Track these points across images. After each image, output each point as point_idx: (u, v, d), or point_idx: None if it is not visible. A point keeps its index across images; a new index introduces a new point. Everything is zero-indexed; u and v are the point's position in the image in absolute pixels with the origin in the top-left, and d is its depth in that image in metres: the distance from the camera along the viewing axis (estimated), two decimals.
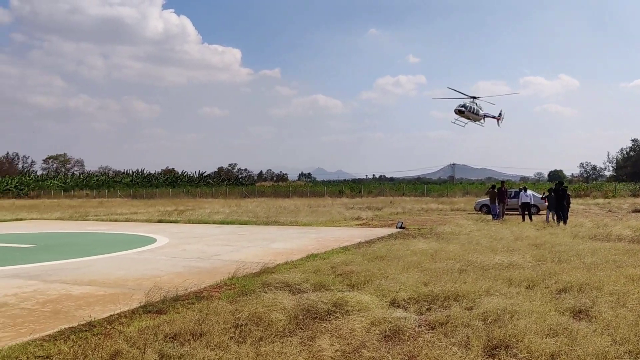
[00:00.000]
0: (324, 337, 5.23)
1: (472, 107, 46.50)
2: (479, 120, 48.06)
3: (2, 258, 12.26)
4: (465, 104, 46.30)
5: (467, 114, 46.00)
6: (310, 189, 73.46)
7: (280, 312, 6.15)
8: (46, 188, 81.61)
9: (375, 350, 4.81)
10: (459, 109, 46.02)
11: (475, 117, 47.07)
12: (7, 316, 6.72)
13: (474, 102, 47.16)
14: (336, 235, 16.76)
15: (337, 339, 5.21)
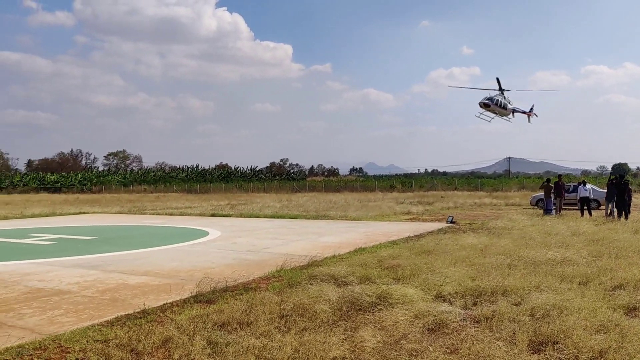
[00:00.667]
0: (367, 329, 5.29)
1: (499, 101, 43.27)
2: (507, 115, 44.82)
3: (66, 249, 12.96)
4: (491, 97, 43.18)
5: (493, 108, 42.92)
6: (361, 183, 73.32)
7: (325, 304, 6.25)
8: (107, 183, 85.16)
9: (416, 343, 4.82)
10: (485, 102, 42.87)
11: (502, 112, 43.91)
12: (69, 303, 7.14)
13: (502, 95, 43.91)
14: (385, 229, 16.72)
15: (380, 331, 5.26)
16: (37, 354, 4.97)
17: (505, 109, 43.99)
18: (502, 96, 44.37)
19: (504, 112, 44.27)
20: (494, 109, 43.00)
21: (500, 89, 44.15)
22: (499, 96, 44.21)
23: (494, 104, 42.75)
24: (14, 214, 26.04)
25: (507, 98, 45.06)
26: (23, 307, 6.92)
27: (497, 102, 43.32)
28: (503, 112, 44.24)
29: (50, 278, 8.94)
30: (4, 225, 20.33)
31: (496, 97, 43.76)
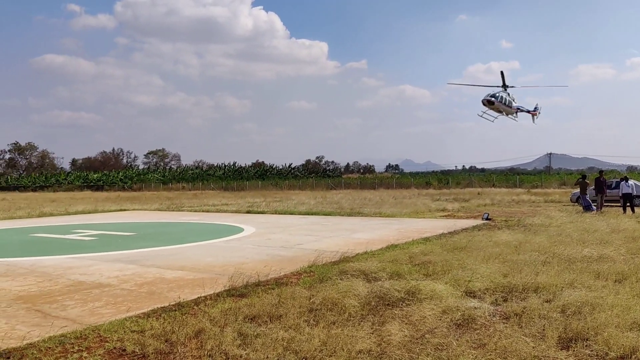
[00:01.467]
0: (394, 323, 5.34)
1: (504, 98, 39.91)
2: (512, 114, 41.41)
3: (107, 244, 13.43)
4: (495, 94, 39.79)
5: (498, 105, 39.65)
6: (397, 180, 72.93)
7: (354, 298, 6.33)
8: (147, 181, 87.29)
9: (443, 337, 4.85)
10: (489, 99, 39.60)
11: (507, 110, 40.57)
12: (109, 295, 7.44)
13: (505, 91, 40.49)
14: (419, 226, 16.65)
15: (407, 325, 5.30)
16: (78, 342, 5.22)
17: (510, 106, 40.97)
18: (505, 93, 41.19)
19: (509, 110, 41.16)
20: (498, 107, 39.99)
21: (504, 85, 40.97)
22: (503, 93, 41.01)
23: (498, 101, 39.76)
24: (59, 211, 27.04)
25: (511, 95, 41.86)
26: (66, 299, 7.25)
27: (502, 99, 40.26)
28: (508, 110, 41.14)
29: (92, 272, 9.31)
30: (50, 222, 21.16)
31: (500, 93, 40.60)
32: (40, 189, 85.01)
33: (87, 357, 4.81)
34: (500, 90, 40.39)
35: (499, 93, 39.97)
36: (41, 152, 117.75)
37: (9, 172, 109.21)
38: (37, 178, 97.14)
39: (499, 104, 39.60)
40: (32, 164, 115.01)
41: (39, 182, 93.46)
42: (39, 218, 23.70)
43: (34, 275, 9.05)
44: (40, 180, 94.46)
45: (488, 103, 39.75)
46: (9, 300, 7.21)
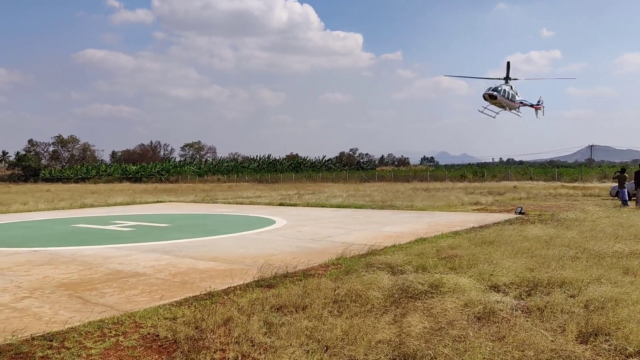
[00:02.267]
0: (415, 315, 5.48)
1: (507, 92, 37.22)
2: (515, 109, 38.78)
3: (143, 235, 13.92)
4: (498, 87, 37.05)
5: (501, 100, 36.85)
6: (431, 173, 72.36)
7: (378, 290, 6.48)
8: (183, 173, 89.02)
9: (462, 329, 4.96)
10: (490, 93, 36.74)
11: (510, 104, 37.84)
12: (144, 284, 7.80)
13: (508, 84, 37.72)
14: (450, 219, 16.61)
15: (427, 317, 5.43)
16: (114, 328, 5.55)
17: (513, 100, 38.23)
18: (508, 86, 38.21)
19: (512, 104, 38.38)
20: (501, 101, 37.26)
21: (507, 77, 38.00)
22: (505, 86, 37.99)
23: (501, 95, 36.96)
24: (99, 202, 28.00)
25: (514, 88, 38.79)
26: (104, 287, 7.64)
27: (505, 93, 37.39)
28: (511, 105, 38.34)
29: (129, 261, 9.72)
30: (91, 213, 21.97)
31: (502, 87, 37.65)
32: (82, 181, 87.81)
33: (123, 342, 5.12)
34: (502, 84, 37.70)
35: (501, 86, 37.32)
36: (82, 144, 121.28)
37: (52, 164, 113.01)
38: (79, 170, 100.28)
39: (501, 99, 36.98)
40: (74, 156, 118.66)
41: (81, 173, 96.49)
42: (81, 209, 24.61)
43: (76, 264, 9.52)
44: (82, 172, 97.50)
45: (490, 97, 36.99)
46: (53, 287, 7.65)
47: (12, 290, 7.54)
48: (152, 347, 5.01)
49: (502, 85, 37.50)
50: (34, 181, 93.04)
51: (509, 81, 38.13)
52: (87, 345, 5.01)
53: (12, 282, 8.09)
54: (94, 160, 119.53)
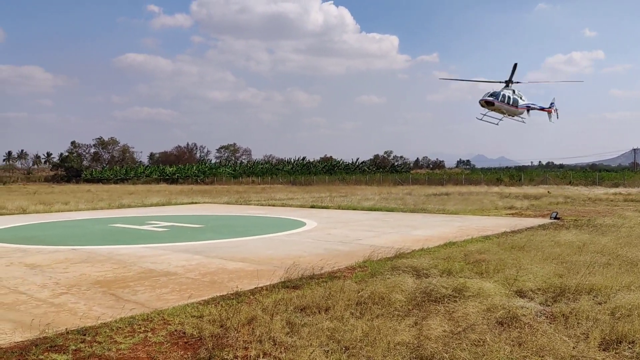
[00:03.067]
0: (436, 318, 5.50)
1: (507, 96, 34.46)
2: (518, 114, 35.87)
3: (177, 235, 14.28)
4: (495, 92, 34.37)
5: (499, 106, 34.14)
6: (466, 176, 71.50)
7: (401, 293, 6.53)
8: (219, 175, 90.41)
9: (481, 334, 4.97)
10: (487, 100, 34.11)
11: (511, 110, 34.93)
12: (175, 283, 8.04)
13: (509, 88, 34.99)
14: (482, 224, 16.43)
15: (448, 321, 5.45)
16: (144, 324, 5.77)
17: (515, 106, 35.26)
18: (509, 90, 35.16)
19: (514, 110, 35.43)
20: (500, 107, 34.53)
21: (509, 81, 35.12)
22: (507, 90, 34.96)
23: (499, 101, 34.14)
24: (136, 203, 28.76)
25: (517, 92, 35.80)
26: (137, 285, 7.91)
27: (504, 98, 34.47)
28: (513, 111, 35.42)
29: (161, 261, 10.02)
30: (127, 213, 22.61)
31: (502, 92, 34.62)
32: (121, 182, 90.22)
33: (151, 337, 5.33)
34: (502, 88, 35.04)
35: (500, 91, 34.59)
36: (122, 146, 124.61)
37: (94, 165, 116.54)
38: (118, 171, 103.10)
39: (500, 105, 34.26)
40: (114, 158, 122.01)
41: (120, 174, 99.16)
42: (118, 209, 25.35)
43: (111, 263, 9.87)
44: (121, 173, 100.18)
45: (487, 104, 34.31)
46: (89, 284, 7.97)
47: (51, 286, 7.89)
48: (179, 343, 5.19)
49: (502, 90, 34.76)
50: (76, 182, 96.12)
51: (510, 85, 35.45)
52: (117, 340, 5.23)
53: (51, 278, 8.46)
54: (133, 161, 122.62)
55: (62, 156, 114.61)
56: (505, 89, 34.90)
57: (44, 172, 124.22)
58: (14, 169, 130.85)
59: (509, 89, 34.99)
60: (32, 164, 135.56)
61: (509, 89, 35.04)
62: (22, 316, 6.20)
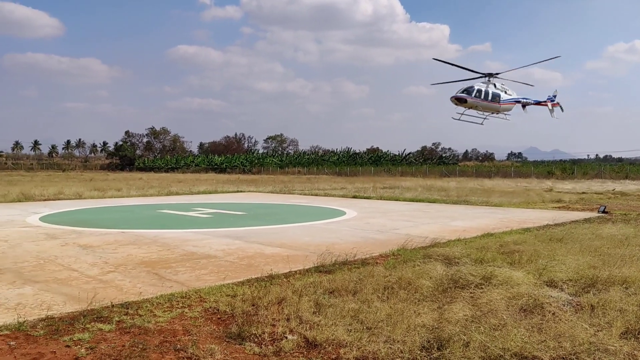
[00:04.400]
0: (459, 304, 5.63)
1: (484, 92, 30.53)
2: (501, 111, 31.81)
3: (220, 222, 14.80)
4: (470, 88, 30.38)
5: (473, 102, 30.08)
6: (516, 169, 69.87)
7: (428, 280, 6.66)
8: (265, 165, 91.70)
9: (502, 319, 5.07)
10: (458, 97, 30.11)
11: (489, 106, 30.85)
12: (214, 265, 8.45)
13: (489, 82, 31.14)
14: (524, 216, 16.19)
15: (471, 307, 5.56)
16: (182, 301, 6.16)
17: (495, 101, 30.99)
18: (489, 83, 31.16)
19: (493, 106, 31.17)
20: (474, 104, 30.35)
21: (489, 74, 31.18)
22: (481, 85, 30.91)
23: (473, 97, 30.06)
24: (183, 191, 29.73)
25: (501, 86, 31.64)
26: (179, 266, 8.36)
27: (480, 93, 30.45)
28: (491, 107, 31.10)
29: (203, 245, 10.47)
30: (175, 200, 23.46)
31: (476, 86, 30.63)
32: (172, 170, 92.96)
33: (188, 313, 5.70)
34: (480, 82, 31.20)
35: (476, 85, 30.65)
36: (173, 136, 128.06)
37: (146, 154, 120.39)
38: (169, 160, 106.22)
39: (474, 101, 30.18)
40: (166, 147, 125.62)
41: (171, 164, 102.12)
42: (167, 196, 26.31)
43: (156, 245, 10.40)
44: (172, 163, 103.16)
45: (458, 101, 30.37)
46: (135, 264, 8.48)
47: (100, 265, 8.44)
48: (212, 319, 5.54)
49: (477, 84, 30.86)
50: (129, 170, 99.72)
51: (491, 78, 31.59)
52: (156, 314, 5.63)
53: (101, 258, 9.03)
54: (183, 151, 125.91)
55: (117, 145, 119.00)
56: (483, 83, 31.19)
57: (100, 160, 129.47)
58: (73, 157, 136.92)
59: (489, 83, 31.38)
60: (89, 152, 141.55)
61: (489, 82, 31.45)
62: (73, 290, 6.72)
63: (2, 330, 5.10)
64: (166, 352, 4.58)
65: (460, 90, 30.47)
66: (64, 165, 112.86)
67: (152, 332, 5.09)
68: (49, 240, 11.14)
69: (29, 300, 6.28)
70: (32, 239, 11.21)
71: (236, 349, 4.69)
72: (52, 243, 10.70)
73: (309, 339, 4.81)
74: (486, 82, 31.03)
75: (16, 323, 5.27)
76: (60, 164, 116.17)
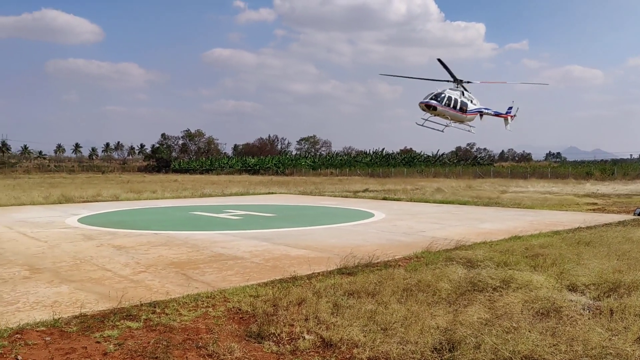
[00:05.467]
0: (475, 306, 5.70)
1: (454, 99, 28.91)
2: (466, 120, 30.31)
3: (249, 223, 15.11)
4: (439, 94, 28.64)
5: (443, 111, 28.53)
6: (553, 170, 68.34)
7: (447, 282, 6.74)
8: (298, 166, 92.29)
9: (516, 322, 5.12)
10: (428, 103, 28.42)
11: (457, 116, 29.43)
12: (240, 266, 8.70)
13: (458, 89, 29.57)
14: (556, 219, 15.96)
15: (487, 310, 5.63)
16: (207, 300, 6.41)
17: (462, 110, 29.49)
18: (457, 91, 29.62)
19: (461, 116, 29.73)
20: (443, 113, 28.87)
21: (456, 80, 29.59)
22: (452, 92, 29.29)
23: (443, 105, 28.53)
24: (216, 193, 30.31)
25: (468, 94, 30.16)
26: (206, 267, 8.65)
27: (450, 101, 28.77)
28: (458, 117, 29.72)
29: (231, 246, 10.76)
30: (207, 202, 23.98)
31: (447, 93, 28.95)
32: (206, 172, 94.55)
33: (211, 312, 5.95)
34: (450, 88, 29.50)
35: (445, 92, 28.91)
36: (208, 138, 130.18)
37: (181, 156, 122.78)
38: (204, 162, 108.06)
39: (444, 109, 28.66)
40: (201, 149, 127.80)
41: (205, 165, 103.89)
42: (200, 198, 26.90)
43: (186, 246, 10.75)
44: (206, 164, 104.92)
45: (427, 108, 28.70)
46: (164, 265, 8.81)
47: (132, 265, 8.81)
48: (234, 318, 5.77)
49: (447, 90, 29.27)
50: (165, 172, 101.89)
51: (460, 84, 29.90)
52: (182, 313, 5.89)
53: (133, 258, 9.41)
54: (218, 153, 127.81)
55: (153, 147, 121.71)
56: (452, 90, 29.56)
57: (137, 162, 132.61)
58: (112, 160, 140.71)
59: (458, 90, 29.74)
60: (127, 154, 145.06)
61: (457, 89, 29.79)
62: (106, 289, 7.07)
63: (39, 326, 5.45)
64: (188, 350, 4.82)
65: (430, 95, 28.95)
66: (103, 167, 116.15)
67: (177, 330, 5.35)
68: (86, 241, 11.63)
69: (64, 298, 6.65)
70: (70, 240, 11.74)
71: (255, 347, 4.90)
72: (89, 244, 11.17)
73: (325, 338, 4.98)
74: (455, 88, 29.68)
75: (52, 320, 5.61)
76: (100, 166, 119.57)
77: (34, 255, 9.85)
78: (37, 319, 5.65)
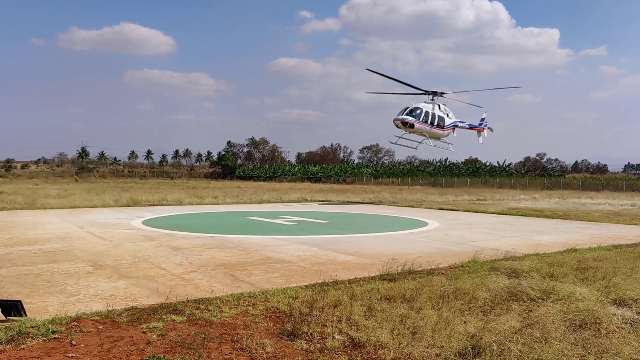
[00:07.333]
0: (510, 315, 5.67)
1: (431, 114, 26.90)
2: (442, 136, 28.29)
3: (302, 229, 15.43)
4: (416, 109, 26.56)
5: (420, 128, 26.55)
6: (629, 182, 64.69)
7: (486, 291, 6.72)
8: (359, 175, 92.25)
9: (547, 332, 5.07)
10: (404, 120, 26.35)
11: (433, 133, 27.37)
12: (286, 269, 8.99)
13: (434, 102, 27.46)
14: (620, 232, 15.26)
15: (522, 319, 5.59)
16: (248, 300, 6.72)
17: (440, 126, 27.77)
18: (433, 105, 27.78)
19: (438, 132, 28.01)
20: (420, 130, 27.12)
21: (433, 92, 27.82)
22: (427, 106, 27.48)
23: (420, 122, 26.77)
24: (275, 199, 30.99)
25: (443, 107, 28.49)
26: (254, 269, 9.00)
27: (427, 116, 27.05)
28: (435, 133, 27.95)
29: (281, 250, 11.10)
30: (265, 208, 24.60)
31: (424, 108, 27.16)
32: (269, 179, 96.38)
33: (251, 310, 6.25)
34: (425, 102, 27.58)
35: (423, 107, 27.00)
36: (272, 146, 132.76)
37: (246, 163, 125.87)
38: (268, 169, 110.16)
39: (421, 126, 26.67)
40: (265, 157, 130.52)
41: (269, 173, 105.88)
42: (259, 204, 27.61)
43: (238, 249, 11.18)
44: (270, 172, 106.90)
45: (403, 125, 26.63)
46: (215, 266, 9.25)
47: (185, 265, 9.31)
48: (271, 317, 6.03)
49: (423, 105, 27.55)
50: (230, 178, 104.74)
51: (435, 97, 28.24)
52: (223, 310, 6.23)
53: (187, 259, 9.93)
54: (281, 160, 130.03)
55: (220, 155, 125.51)
56: (428, 104, 27.83)
57: (204, 169, 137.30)
58: (180, 166, 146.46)
59: (434, 103, 27.98)
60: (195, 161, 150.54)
61: (433, 102, 28.02)
62: (158, 286, 7.55)
63: (94, 316, 5.94)
64: (224, 343, 5.12)
65: (405, 111, 26.94)
66: (172, 173, 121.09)
67: (216, 325, 5.68)
68: (146, 241, 12.34)
69: (120, 292, 7.17)
70: (132, 240, 12.49)
71: (286, 344, 5.13)
72: (149, 244, 11.85)
73: (355, 339, 5.14)
74: (431, 102, 28.07)
75: (106, 311, 6.09)
76: (169, 172, 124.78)
77: (99, 252, 10.60)
78: (94, 310, 6.16)
